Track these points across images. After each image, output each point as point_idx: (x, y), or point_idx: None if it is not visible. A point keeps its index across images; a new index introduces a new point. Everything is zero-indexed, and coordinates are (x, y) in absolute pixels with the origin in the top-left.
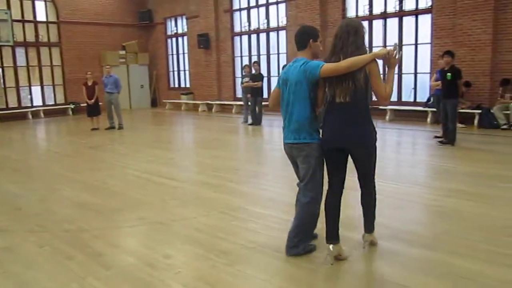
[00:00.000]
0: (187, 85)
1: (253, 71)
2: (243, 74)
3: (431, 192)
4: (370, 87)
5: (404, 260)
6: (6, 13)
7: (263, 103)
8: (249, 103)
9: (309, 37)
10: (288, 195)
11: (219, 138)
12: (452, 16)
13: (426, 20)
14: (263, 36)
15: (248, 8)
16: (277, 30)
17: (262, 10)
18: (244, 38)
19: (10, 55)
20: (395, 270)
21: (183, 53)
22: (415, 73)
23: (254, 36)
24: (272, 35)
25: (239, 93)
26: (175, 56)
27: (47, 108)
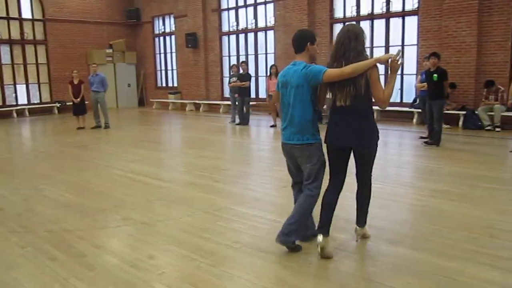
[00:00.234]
0: (175, 84)
1: (240, 71)
2: (231, 73)
3: (416, 192)
4: (371, 90)
5: (389, 260)
6: None
7: (251, 103)
8: (236, 103)
9: (306, 40)
10: (274, 195)
11: (206, 137)
12: (438, 18)
13: (412, 22)
14: (251, 36)
15: (236, 8)
16: (265, 30)
17: (250, 10)
18: (232, 38)
19: None
20: (379, 270)
21: (171, 52)
22: (402, 74)
23: (242, 36)
24: (260, 35)
25: (227, 92)
26: (162, 55)
27: (32, 106)
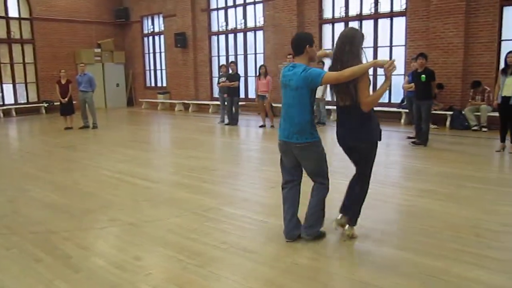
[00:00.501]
0: (164, 84)
1: (230, 71)
2: (220, 74)
3: (403, 192)
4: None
5: (376, 259)
6: None
7: (240, 103)
8: (225, 103)
9: (305, 43)
10: (262, 196)
11: (195, 138)
12: (426, 19)
13: (400, 23)
14: (240, 36)
15: (226, 8)
16: (254, 30)
17: (240, 10)
18: (221, 38)
19: None
20: (366, 269)
21: (160, 52)
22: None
23: (231, 36)
24: (250, 35)
25: (216, 92)
26: (151, 55)
27: (19, 106)
